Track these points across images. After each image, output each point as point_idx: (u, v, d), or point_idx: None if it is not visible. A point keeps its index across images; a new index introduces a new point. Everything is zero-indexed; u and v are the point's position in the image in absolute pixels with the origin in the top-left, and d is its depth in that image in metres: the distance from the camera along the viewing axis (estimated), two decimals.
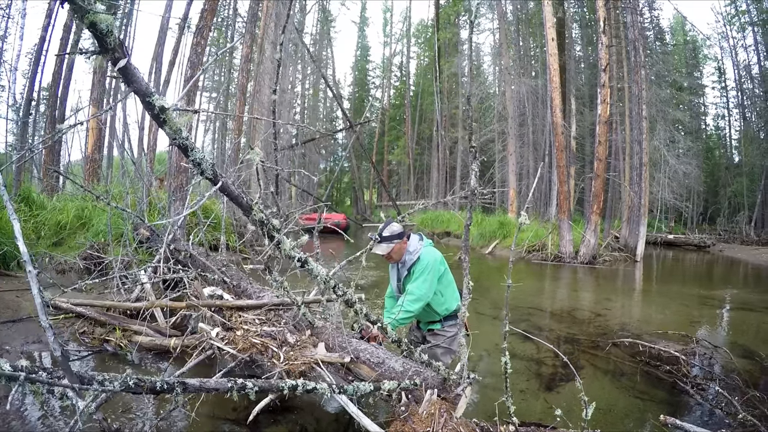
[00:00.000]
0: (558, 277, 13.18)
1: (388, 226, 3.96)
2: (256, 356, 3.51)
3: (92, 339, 5.06)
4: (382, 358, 3.45)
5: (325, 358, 3.39)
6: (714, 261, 19.77)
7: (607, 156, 16.60)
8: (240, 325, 3.83)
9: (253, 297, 4.60)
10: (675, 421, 3.07)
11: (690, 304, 9.60)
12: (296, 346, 3.50)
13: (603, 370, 5.46)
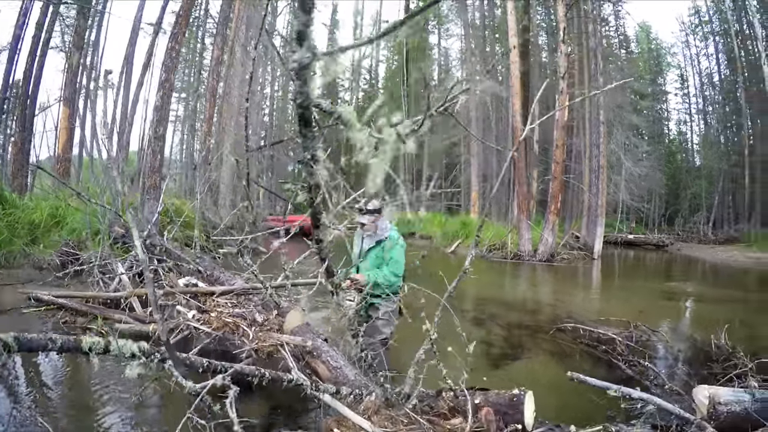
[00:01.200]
0: (516, 274, 13.73)
1: (371, 202, 4.47)
2: (228, 335, 3.95)
3: (75, 328, 5.28)
4: (341, 364, 3.80)
5: (291, 340, 3.83)
6: (671, 259, 20.59)
7: (565, 159, 17.27)
8: (214, 308, 4.27)
9: (225, 284, 5.04)
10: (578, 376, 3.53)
11: (641, 297, 10.18)
12: (264, 325, 3.95)
13: (548, 351, 6.00)
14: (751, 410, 3.13)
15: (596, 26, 18.45)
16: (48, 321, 5.46)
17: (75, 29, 15.93)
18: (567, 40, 15.67)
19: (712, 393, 3.28)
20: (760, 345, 5.96)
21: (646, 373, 5.05)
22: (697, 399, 3.43)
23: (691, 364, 5.43)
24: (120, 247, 8.00)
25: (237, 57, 18.53)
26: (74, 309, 5.55)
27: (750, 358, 4.80)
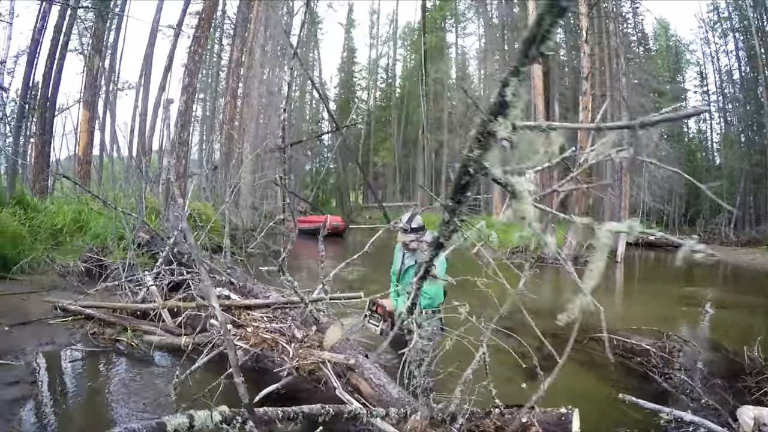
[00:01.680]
0: (540, 277, 13.53)
1: (415, 218, 4.48)
2: (266, 351, 3.84)
3: (103, 339, 5.19)
4: (383, 382, 3.69)
5: (333, 358, 3.70)
6: (693, 261, 20.26)
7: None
8: (249, 323, 4.15)
9: (259, 296, 4.92)
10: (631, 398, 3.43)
11: (666, 303, 10.03)
12: (304, 341, 3.83)
13: (581, 362, 5.82)
14: None
15: (617, 25, 18.18)
16: (76, 332, 5.36)
17: (94, 32, 15.98)
18: (589, 39, 15.44)
19: (757, 414, 3.27)
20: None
21: (682, 387, 4.90)
22: (741, 419, 3.37)
23: (724, 377, 5.26)
24: (145, 253, 7.91)
25: (256, 58, 18.52)
26: (103, 320, 5.44)
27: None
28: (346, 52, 52.09)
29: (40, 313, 5.75)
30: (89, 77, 15.39)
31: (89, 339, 5.22)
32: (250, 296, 5.08)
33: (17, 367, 4.31)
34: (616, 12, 18.32)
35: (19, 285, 6.76)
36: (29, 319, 5.57)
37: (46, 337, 5.15)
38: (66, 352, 4.91)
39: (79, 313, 5.63)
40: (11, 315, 5.59)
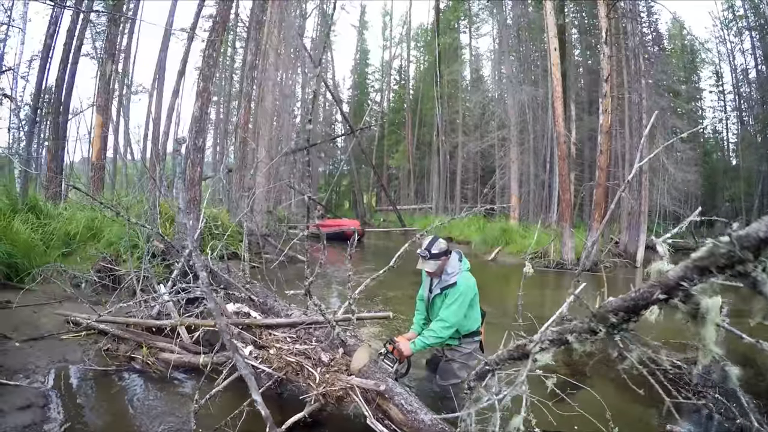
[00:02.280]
0: (561, 285, 13.29)
1: (436, 243, 4.17)
2: (291, 375, 3.63)
3: (118, 356, 5.02)
4: (415, 408, 3.47)
5: (362, 384, 3.48)
6: None
7: (608, 164, 16.76)
8: (272, 344, 3.93)
9: (281, 314, 4.69)
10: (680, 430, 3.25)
11: None
12: (330, 365, 3.62)
13: (609, 378, 5.66)
14: None
15: (635, 25, 17.89)
16: (89, 349, 5.16)
17: (106, 36, 15.94)
18: (609, 41, 15.17)
19: None
20: None
21: (716, 406, 4.69)
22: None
23: (756, 395, 5.03)
24: (159, 264, 7.72)
25: (270, 61, 18.40)
26: (116, 335, 5.25)
27: None
28: (359, 54, 52.17)
29: (52, 326, 5.60)
30: (102, 82, 15.33)
31: (103, 356, 5.05)
32: (271, 314, 4.85)
33: (28, 389, 4.13)
34: (634, 12, 17.99)
35: (31, 295, 6.58)
36: (40, 333, 5.42)
37: (58, 354, 4.98)
38: (79, 372, 4.72)
39: (92, 328, 5.45)
40: (22, 329, 5.45)
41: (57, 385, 4.34)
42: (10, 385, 4.12)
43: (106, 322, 5.37)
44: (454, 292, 4.09)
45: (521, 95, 23.86)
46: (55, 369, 4.68)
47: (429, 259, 4.11)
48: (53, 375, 4.56)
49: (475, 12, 37.96)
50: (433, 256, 4.11)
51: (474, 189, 33.46)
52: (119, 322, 5.36)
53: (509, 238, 18.87)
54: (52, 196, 12.65)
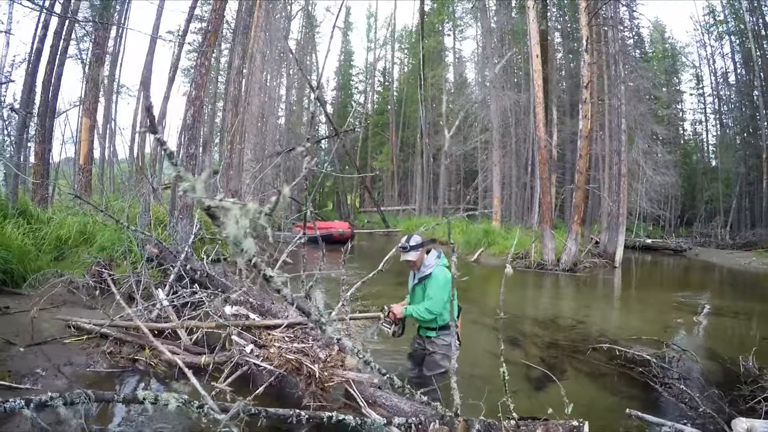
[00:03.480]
0: (541, 285, 13.69)
1: (413, 237, 4.81)
2: (291, 372, 3.94)
3: (121, 358, 5.19)
4: (395, 402, 3.84)
5: (357, 377, 3.83)
6: (690, 265, 20.49)
7: (588, 168, 17.19)
8: (272, 343, 4.23)
9: (278, 315, 5.01)
10: (638, 414, 3.57)
11: (664, 310, 10.24)
12: (327, 362, 3.93)
13: (584, 372, 6.03)
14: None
15: (616, 32, 18.34)
16: (92, 352, 5.33)
17: (95, 40, 15.98)
18: (589, 49, 15.58)
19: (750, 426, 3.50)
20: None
21: (681, 396, 5.08)
22: (735, 430, 3.62)
23: (721, 386, 5.44)
24: (154, 268, 7.82)
25: (257, 64, 18.58)
26: (118, 338, 5.45)
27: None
28: (343, 56, 52.30)
29: (53, 331, 5.71)
30: (90, 85, 15.37)
31: (107, 358, 5.21)
32: (268, 315, 5.16)
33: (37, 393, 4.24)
34: (615, 19, 18.44)
35: (27, 300, 6.63)
36: (43, 338, 5.51)
37: (63, 358, 5.11)
38: (86, 374, 4.89)
39: (94, 332, 5.61)
40: (24, 334, 5.52)
41: (66, 388, 4.41)
42: (20, 389, 4.25)
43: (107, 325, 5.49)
44: (430, 283, 4.71)
45: (504, 99, 24.28)
46: (62, 372, 4.81)
47: (408, 251, 4.76)
48: (61, 378, 4.69)
49: (459, 15, 38.37)
50: (411, 248, 4.75)
51: (457, 191, 33.87)
52: (120, 325, 5.52)
53: (491, 239, 19.22)
54: (40, 200, 12.63)
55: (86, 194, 13.77)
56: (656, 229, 31.90)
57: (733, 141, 35.42)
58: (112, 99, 22.12)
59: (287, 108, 38.26)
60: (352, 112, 47.76)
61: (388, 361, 5.49)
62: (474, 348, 6.17)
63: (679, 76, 42.10)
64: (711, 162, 40.04)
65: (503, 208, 24.03)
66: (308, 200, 7.29)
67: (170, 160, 1.61)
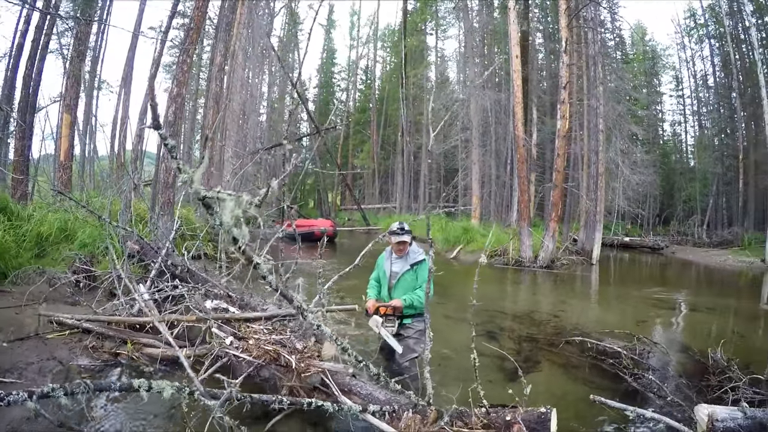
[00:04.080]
0: (518, 281, 13.88)
1: (404, 223, 4.94)
2: (270, 363, 4.06)
3: (104, 353, 5.23)
4: (369, 391, 3.99)
5: (333, 368, 3.97)
6: (667, 263, 20.92)
7: (565, 167, 17.46)
8: (251, 335, 4.37)
9: (257, 309, 5.14)
10: (600, 399, 3.74)
11: (639, 306, 10.49)
12: (304, 352, 4.07)
13: (558, 364, 6.24)
14: (742, 426, 3.53)
15: (596, 34, 18.64)
16: (75, 347, 5.36)
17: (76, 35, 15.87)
18: (569, 50, 15.82)
19: (711, 411, 3.64)
20: (753, 356, 6.29)
21: (650, 386, 5.30)
22: (698, 415, 3.75)
23: (690, 377, 5.67)
24: (135, 264, 7.82)
25: (239, 61, 18.57)
26: (101, 333, 5.48)
27: (742, 371, 5.16)
28: (325, 53, 52.19)
29: (36, 327, 5.72)
30: (71, 80, 15.24)
31: (89, 353, 5.25)
32: (248, 309, 5.28)
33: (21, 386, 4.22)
34: (596, 21, 18.72)
35: (9, 297, 6.68)
36: (26, 333, 5.54)
37: (46, 353, 5.14)
38: (69, 368, 4.93)
39: (76, 327, 5.61)
40: (7, 330, 5.55)
41: (49, 382, 4.44)
42: (5, 383, 4.32)
43: (89, 320, 5.57)
44: (424, 267, 4.84)
45: (484, 99, 24.50)
46: (46, 366, 4.85)
47: (404, 233, 4.87)
48: (44, 372, 4.73)
49: (442, 15, 38.54)
50: (406, 231, 4.89)
51: (437, 189, 34.07)
52: (102, 320, 5.59)
53: (470, 236, 19.41)
54: (20, 197, 12.51)
55: (66, 191, 13.65)
56: (634, 228, 32.39)
57: (710, 142, 36.17)
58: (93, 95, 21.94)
59: (269, 105, 38.11)
60: (334, 110, 47.74)
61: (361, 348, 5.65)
62: (449, 340, 6.33)
63: (660, 78, 42.81)
64: (689, 162, 40.66)
65: (482, 206, 24.26)
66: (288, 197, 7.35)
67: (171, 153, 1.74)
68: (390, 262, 5.07)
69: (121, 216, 9.00)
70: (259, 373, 4.14)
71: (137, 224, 9.66)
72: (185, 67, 10.08)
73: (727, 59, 31.15)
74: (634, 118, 25.34)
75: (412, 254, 4.97)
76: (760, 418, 3.56)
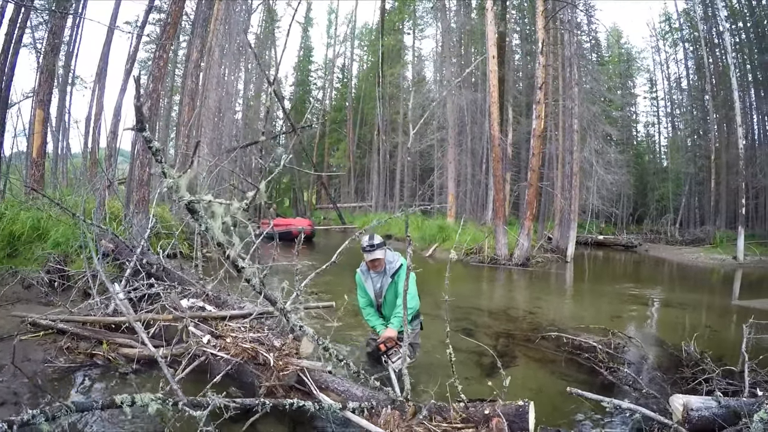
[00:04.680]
0: (494, 279, 14.01)
1: (374, 237, 4.77)
2: (248, 361, 4.06)
3: (79, 354, 5.12)
4: (347, 387, 4.00)
5: (311, 366, 3.97)
6: (640, 261, 21.28)
7: (540, 166, 17.66)
8: (228, 333, 4.35)
9: (234, 307, 5.12)
10: (576, 390, 3.81)
11: (613, 302, 10.68)
12: (282, 350, 4.07)
13: (534, 359, 6.32)
14: (716, 415, 3.63)
15: (572, 36, 18.88)
16: (50, 347, 5.25)
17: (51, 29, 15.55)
18: (545, 51, 15.99)
19: (686, 401, 3.75)
20: (726, 349, 6.50)
21: (625, 379, 5.41)
22: (673, 405, 3.88)
23: (664, 369, 5.80)
24: (110, 263, 7.75)
25: (215, 58, 18.43)
26: (76, 334, 5.37)
27: (716, 364, 5.28)
28: (302, 51, 51.91)
29: (9, 328, 5.63)
30: (45, 75, 14.91)
31: (65, 354, 5.15)
32: (225, 307, 5.26)
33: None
34: (572, 23, 18.97)
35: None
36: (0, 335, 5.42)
37: (20, 354, 4.95)
38: (44, 369, 4.83)
39: (51, 328, 5.51)
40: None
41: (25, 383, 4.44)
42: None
43: (64, 321, 5.46)
44: (401, 275, 4.69)
45: (460, 99, 24.64)
46: (20, 369, 4.64)
47: (375, 249, 4.71)
48: (19, 375, 4.56)
49: (419, 14, 38.64)
50: (377, 246, 4.71)
51: (413, 188, 34.18)
52: (77, 321, 5.48)
53: (446, 235, 19.52)
54: None
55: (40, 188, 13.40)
56: (608, 226, 32.84)
57: (683, 143, 36.98)
58: (67, 91, 21.57)
59: (245, 103, 37.84)
60: (310, 108, 47.53)
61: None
62: (426, 337, 6.36)
63: (634, 80, 43.57)
64: (662, 162, 41.47)
65: (458, 205, 24.40)
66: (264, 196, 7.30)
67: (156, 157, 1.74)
68: (370, 280, 4.95)
69: (95, 214, 8.85)
70: (237, 371, 4.12)
71: (111, 223, 9.53)
72: (161, 62, 9.98)
73: (701, 62, 31.84)
74: (608, 119, 25.79)
75: (389, 265, 4.85)
76: (734, 407, 3.65)
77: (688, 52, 36.23)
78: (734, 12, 28.28)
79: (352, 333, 6.65)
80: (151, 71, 10.29)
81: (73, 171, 19.79)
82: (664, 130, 41.94)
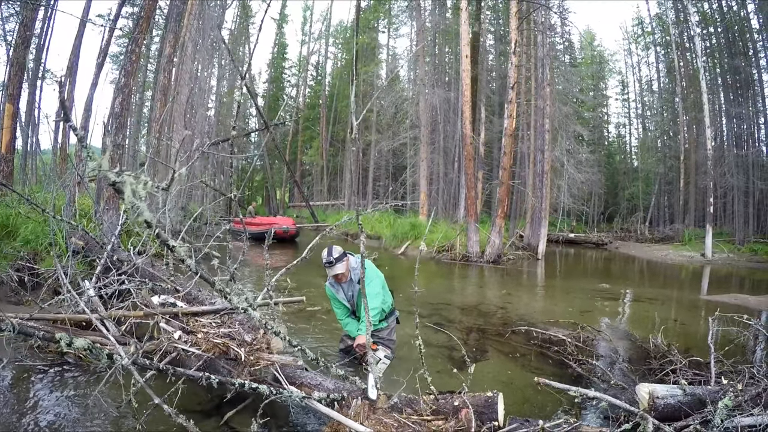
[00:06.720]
0: (466, 276, 14.13)
1: (333, 249, 4.76)
2: (219, 356, 4.09)
3: (50, 352, 5.08)
4: (319, 381, 4.03)
5: (282, 360, 4.02)
6: (610, 258, 21.70)
7: (512, 165, 17.89)
8: (199, 329, 4.36)
9: (206, 303, 5.14)
10: (544, 381, 3.92)
11: (583, 298, 10.90)
12: (253, 344, 4.11)
13: (504, 353, 6.43)
14: (682, 402, 3.77)
15: (545, 37, 19.14)
16: (19, 347, 5.17)
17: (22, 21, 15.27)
18: (518, 52, 16.20)
19: (651, 389, 3.86)
20: (694, 342, 6.77)
21: (594, 371, 5.59)
22: (639, 394, 3.99)
23: (632, 361, 5.99)
24: (81, 261, 7.67)
25: (188, 53, 18.26)
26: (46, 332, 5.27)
27: (684, 355, 5.49)
28: (276, 48, 51.61)
29: None
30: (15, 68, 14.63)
31: (35, 353, 5.11)
32: (196, 303, 5.28)
33: None
34: (545, 24, 19.23)
35: None
36: None
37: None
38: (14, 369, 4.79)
39: None
40: None
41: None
42: None
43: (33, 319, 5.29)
44: (367, 274, 4.64)
45: (433, 97, 24.79)
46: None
47: (335, 264, 4.73)
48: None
49: (394, 13, 38.70)
50: (336, 260, 4.73)
51: (385, 186, 34.25)
52: (47, 319, 5.33)
53: (418, 233, 19.54)
54: None
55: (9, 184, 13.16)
56: (579, 225, 33.36)
57: (653, 143, 37.85)
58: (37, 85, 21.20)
59: (218, 100, 37.49)
60: (284, 106, 47.38)
61: None
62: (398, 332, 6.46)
63: (606, 82, 44.34)
64: (632, 162, 42.36)
65: (430, 203, 24.52)
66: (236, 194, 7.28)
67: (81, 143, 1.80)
68: (341, 290, 5.00)
69: (65, 211, 8.74)
70: (209, 367, 4.14)
71: (82, 219, 9.43)
72: (134, 56, 9.88)
73: (672, 66, 32.63)
74: (580, 120, 26.20)
75: (353, 272, 4.89)
76: (699, 395, 3.79)
77: (660, 56, 37.14)
78: (705, 17, 28.91)
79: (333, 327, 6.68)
80: (123, 65, 10.18)
81: (43, 167, 19.51)
82: (635, 131, 42.94)
